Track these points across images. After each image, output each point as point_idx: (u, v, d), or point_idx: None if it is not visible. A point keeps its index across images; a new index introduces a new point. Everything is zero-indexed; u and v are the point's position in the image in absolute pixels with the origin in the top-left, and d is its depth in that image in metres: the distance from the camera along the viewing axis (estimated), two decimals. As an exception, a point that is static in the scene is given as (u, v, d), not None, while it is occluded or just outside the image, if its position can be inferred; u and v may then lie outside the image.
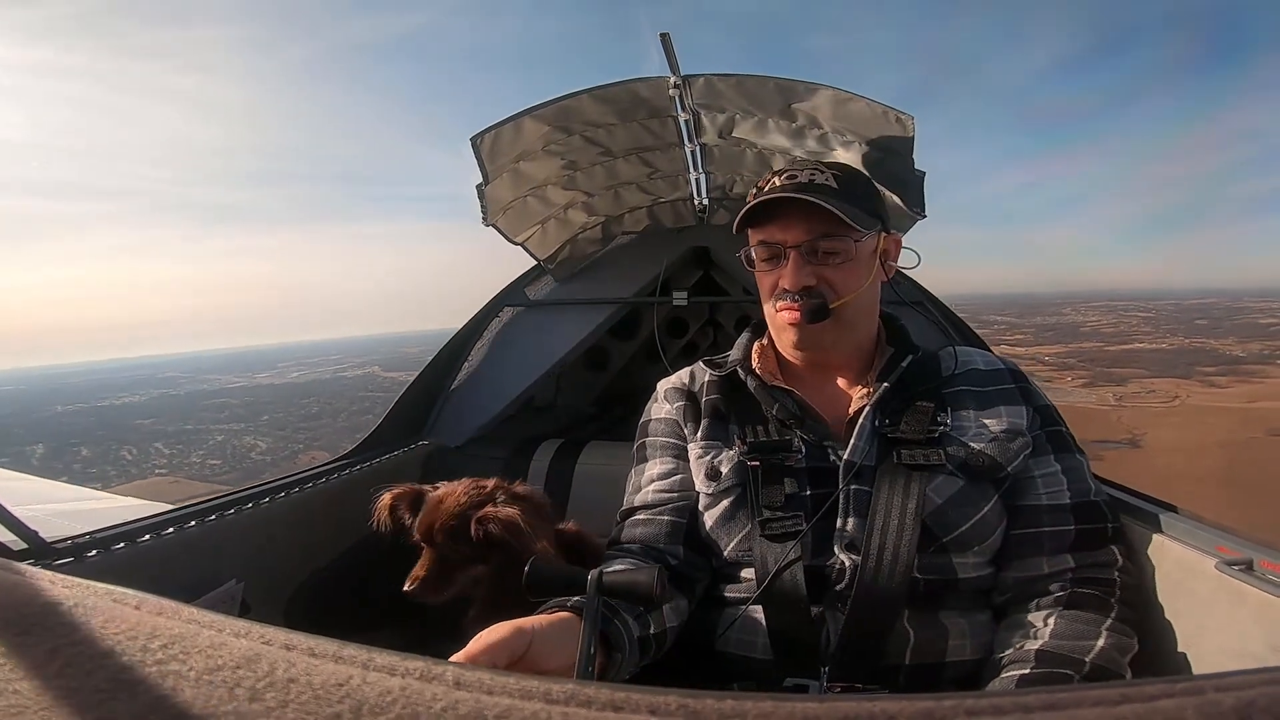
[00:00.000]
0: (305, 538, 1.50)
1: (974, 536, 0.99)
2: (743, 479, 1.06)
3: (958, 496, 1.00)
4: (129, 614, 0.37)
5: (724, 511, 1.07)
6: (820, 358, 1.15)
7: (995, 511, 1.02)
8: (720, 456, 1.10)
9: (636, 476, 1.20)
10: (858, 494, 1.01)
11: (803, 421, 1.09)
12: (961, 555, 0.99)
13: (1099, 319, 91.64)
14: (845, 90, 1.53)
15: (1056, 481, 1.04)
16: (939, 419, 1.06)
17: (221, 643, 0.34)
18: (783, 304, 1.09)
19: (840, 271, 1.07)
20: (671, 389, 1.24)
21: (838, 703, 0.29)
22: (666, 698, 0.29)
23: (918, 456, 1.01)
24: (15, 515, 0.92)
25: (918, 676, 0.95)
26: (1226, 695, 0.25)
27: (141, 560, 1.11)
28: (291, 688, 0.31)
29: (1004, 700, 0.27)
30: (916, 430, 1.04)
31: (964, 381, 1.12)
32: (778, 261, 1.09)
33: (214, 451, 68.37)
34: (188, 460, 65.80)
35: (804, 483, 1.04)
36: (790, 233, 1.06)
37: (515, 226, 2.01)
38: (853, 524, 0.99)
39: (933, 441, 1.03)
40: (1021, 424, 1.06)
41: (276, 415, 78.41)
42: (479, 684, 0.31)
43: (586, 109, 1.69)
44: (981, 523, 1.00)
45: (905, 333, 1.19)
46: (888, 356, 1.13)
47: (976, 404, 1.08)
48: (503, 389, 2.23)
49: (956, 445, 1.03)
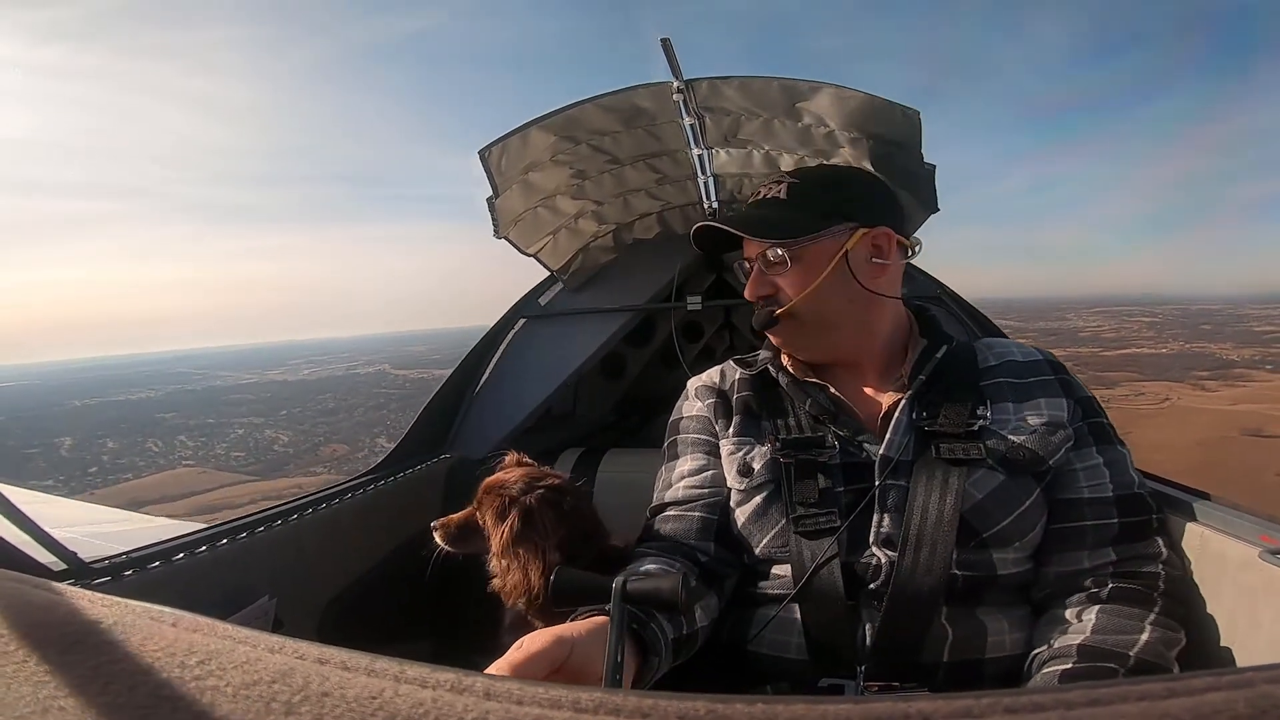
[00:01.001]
0: (335, 552, 1.51)
1: (1015, 532, 0.98)
2: (775, 475, 1.06)
3: (998, 491, 0.98)
4: (166, 631, 0.37)
5: (756, 508, 1.06)
6: (812, 358, 1.16)
7: (1036, 506, 0.99)
8: (753, 453, 1.10)
9: (667, 473, 1.20)
10: (895, 489, 0.99)
11: (836, 417, 1.08)
12: (1002, 551, 0.98)
13: (1100, 324, 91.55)
14: (849, 88, 1.53)
15: (1099, 474, 1.02)
16: (978, 412, 1.04)
17: (256, 658, 0.35)
18: None
19: (786, 277, 1.11)
20: (702, 386, 1.24)
21: (872, 704, 0.29)
22: (695, 703, 0.29)
23: (957, 450, 0.99)
24: (54, 536, 0.94)
25: (957, 674, 0.93)
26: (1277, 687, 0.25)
27: (176, 578, 1.12)
28: (326, 701, 0.31)
29: (1045, 697, 0.26)
30: (955, 423, 1.02)
31: (1002, 373, 1.10)
32: None
33: (237, 444, 69.79)
34: (213, 452, 67.27)
35: (838, 479, 1.03)
36: (750, 246, 1.14)
37: (527, 238, 2.03)
38: (889, 520, 0.98)
39: (972, 435, 1.01)
40: (1063, 416, 1.04)
41: (294, 410, 79.97)
42: (508, 694, 0.31)
43: (592, 117, 1.70)
44: (1022, 518, 0.98)
45: (937, 324, 1.17)
46: (920, 349, 1.12)
47: (1015, 396, 1.07)
48: (522, 400, 2.24)
49: (996, 439, 1.01)
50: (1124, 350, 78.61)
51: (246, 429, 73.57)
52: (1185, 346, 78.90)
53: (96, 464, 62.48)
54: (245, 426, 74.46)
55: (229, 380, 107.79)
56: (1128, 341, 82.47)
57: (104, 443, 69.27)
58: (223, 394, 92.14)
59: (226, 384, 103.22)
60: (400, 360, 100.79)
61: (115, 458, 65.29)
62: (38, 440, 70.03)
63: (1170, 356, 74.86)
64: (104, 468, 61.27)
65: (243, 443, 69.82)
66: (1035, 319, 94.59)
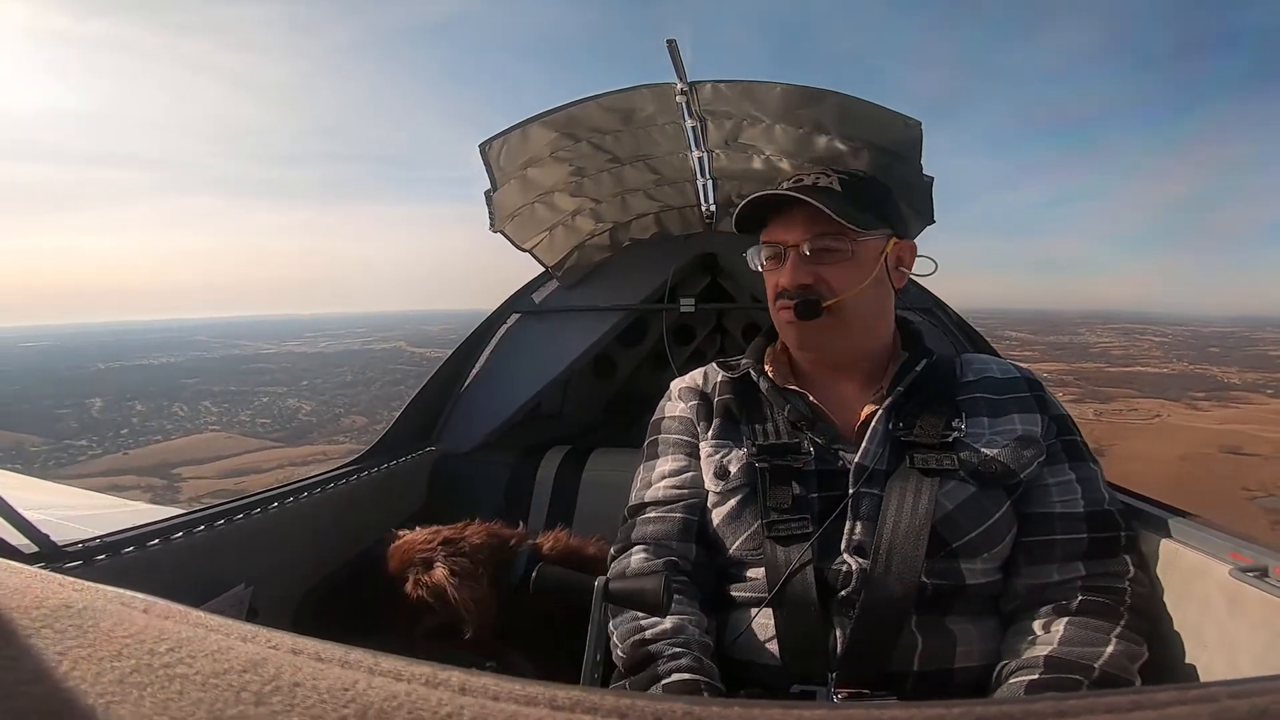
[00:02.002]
0: (314, 543, 1.50)
1: (984, 543, 0.99)
2: (751, 479, 1.07)
3: (969, 502, 0.99)
4: (137, 617, 0.37)
5: (731, 511, 1.07)
6: (826, 358, 1.15)
7: (1006, 519, 1.01)
8: (729, 456, 1.11)
9: (646, 473, 1.20)
10: (868, 498, 1.01)
11: (813, 424, 1.09)
12: (970, 561, 0.99)
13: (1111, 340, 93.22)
14: (852, 96, 1.53)
15: (1070, 490, 1.04)
16: (953, 424, 1.05)
17: (228, 647, 0.34)
18: (781, 303, 1.11)
19: (837, 270, 1.08)
20: (685, 388, 1.25)
21: (846, 710, 0.29)
22: (672, 705, 0.29)
23: (930, 461, 1.01)
24: (27, 518, 0.93)
25: (926, 683, 0.94)
26: (1240, 702, 0.25)
27: (150, 564, 1.11)
28: (297, 692, 0.31)
29: (1014, 708, 0.26)
30: (930, 434, 1.04)
31: (979, 389, 1.12)
32: (780, 261, 1.11)
33: (261, 411, 70.39)
34: (237, 419, 67.78)
35: (812, 485, 1.04)
36: (791, 233, 1.09)
37: (523, 233, 2.02)
38: (861, 528, 0.99)
39: (946, 446, 1.03)
40: (1036, 431, 1.06)
41: (315, 381, 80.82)
42: (484, 690, 0.31)
43: (594, 116, 1.70)
44: (992, 529, 1.00)
45: (920, 338, 1.19)
46: (901, 361, 1.13)
47: (991, 411, 1.08)
48: (511, 395, 2.23)
49: (970, 451, 1.03)
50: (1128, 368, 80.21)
51: (270, 397, 74.18)
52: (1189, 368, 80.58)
53: (127, 425, 62.99)
54: (269, 395, 75.04)
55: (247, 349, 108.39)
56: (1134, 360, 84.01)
57: (132, 405, 69.62)
58: (242, 362, 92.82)
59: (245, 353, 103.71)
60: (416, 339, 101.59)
61: (144, 420, 65.72)
62: (69, 401, 70.20)
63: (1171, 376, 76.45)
64: (134, 430, 61.73)
65: (267, 410, 70.45)
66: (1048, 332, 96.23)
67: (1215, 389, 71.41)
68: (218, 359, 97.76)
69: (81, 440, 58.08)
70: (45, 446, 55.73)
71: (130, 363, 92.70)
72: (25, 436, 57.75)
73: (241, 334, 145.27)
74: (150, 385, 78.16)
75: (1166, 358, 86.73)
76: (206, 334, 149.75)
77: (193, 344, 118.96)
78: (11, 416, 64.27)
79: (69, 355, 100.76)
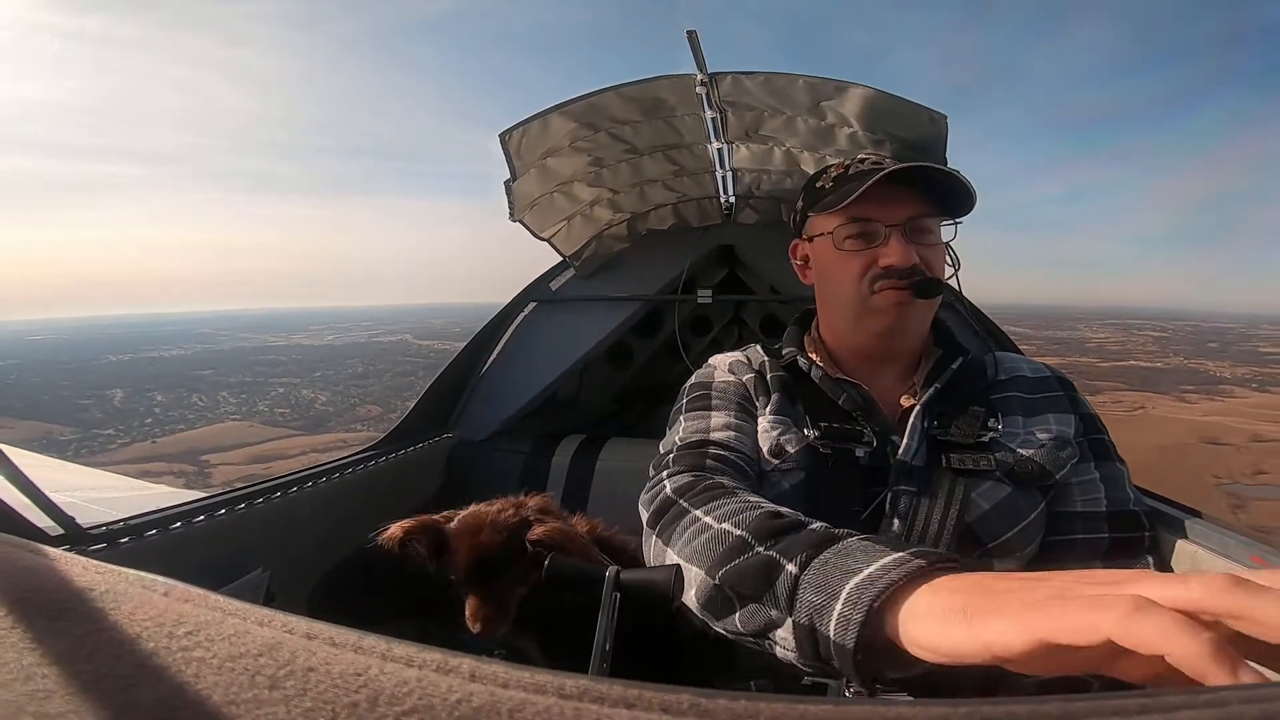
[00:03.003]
0: (330, 528, 1.52)
1: (1018, 544, 0.98)
2: (807, 463, 1.03)
3: (1004, 503, 0.98)
4: (157, 600, 0.38)
5: (781, 491, 1.02)
6: (894, 347, 1.11)
7: (1039, 520, 1.00)
8: (788, 434, 1.05)
9: (698, 421, 1.07)
10: (905, 495, 0.99)
11: (870, 414, 1.06)
12: (1003, 561, 0.98)
13: (1108, 335, 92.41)
14: (876, 89, 1.52)
15: (1094, 489, 1.02)
16: (989, 424, 1.03)
17: (245, 630, 0.35)
18: (885, 284, 1.03)
19: (935, 252, 1.05)
20: (736, 362, 1.19)
21: (851, 706, 0.29)
22: (679, 696, 0.29)
23: (967, 461, 0.99)
24: (53, 501, 0.95)
25: (937, 679, 0.93)
26: (1250, 707, 0.25)
27: (172, 547, 1.13)
28: (311, 676, 0.31)
29: (1020, 709, 0.26)
30: (966, 434, 1.01)
31: (1012, 388, 1.10)
32: (871, 241, 1.05)
33: (279, 401, 72.19)
34: (256, 408, 69.51)
35: (863, 477, 1.01)
36: (892, 210, 1.03)
37: (541, 222, 2.03)
38: (897, 525, 0.98)
39: (982, 447, 1.01)
40: (1069, 432, 1.04)
41: (327, 373, 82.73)
42: (493, 677, 0.31)
43: (613, 106, 1.70)
44: (1026, 530, 0.98)
45: (952, 334, 1.16)
46: (936, 358, 1.11)
47: (1025, 411, 1.06)
48: (527, 384, 2.25)
49: (1005, 451, 1.01)
50: (1122, 362, 79.67)
51: (286, 388, 76.18)
52: (1184, 362, 79.87)
53: (150, 415, 65.17)
54: (285, 385, 77.03)
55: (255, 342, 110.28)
56: (1129, 354, 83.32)
57: (153, 395, 72.02)
58: (252, 354, 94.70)
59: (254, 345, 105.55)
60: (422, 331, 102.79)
61: (166, 409, 67.79)
62: (90, 392, 72.51)
63: (1164, 370, 76.12)
64: (156, 419, 63.87)
65: (284, 400, 72.25)
66: (1045, 327, 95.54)
67: (1206, 383, 71.78)
68: (227, 351, 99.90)
69: (108, 429, 59.96)
70: (74, 435, 57.34)
71: (140, 355, 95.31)
72: (54, 426, 59.67)
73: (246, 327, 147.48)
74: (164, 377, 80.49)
75: (1162, 352, 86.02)
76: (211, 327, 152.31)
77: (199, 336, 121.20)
78: (38, 407, 66.42)
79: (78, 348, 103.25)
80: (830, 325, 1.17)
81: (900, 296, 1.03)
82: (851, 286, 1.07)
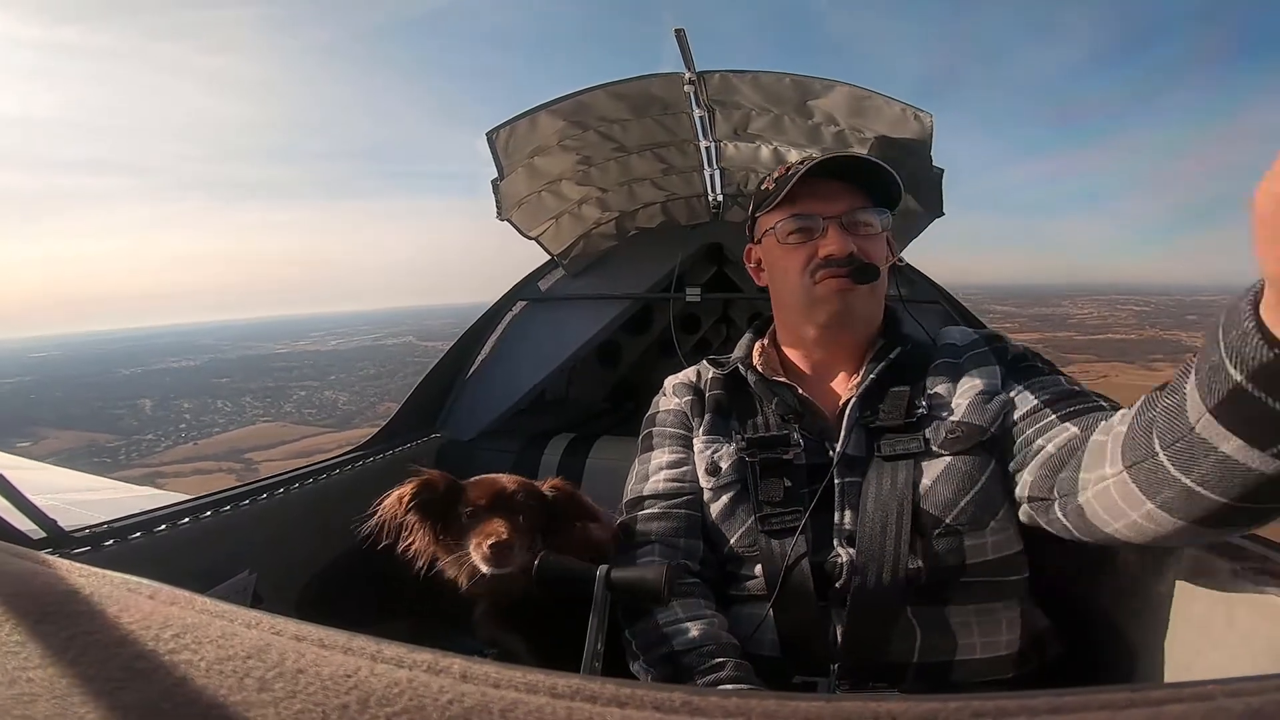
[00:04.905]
0: (318, 530, 1.51)
1: (984, 511, 0.97)
2: (742, 474, 1.07)
3: (948, 473, 0.98)
4: (143, 603, 0.37)
5: (724, 507, 1.07)
6: (843, 337, 1.14)
7: (994, 480, 0.98)
8: (720, 451, 1.10)
9: (642, 465, 1.19)
10: (851, 487, 1.00)
11: (801, 416, 1.09)
12: (976, 536, 0.97)
13: (1090, 311, 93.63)
14: (863, 88, 1.52)
15: (1053, 384, 1.00)
16: (917, 403, 1.05)
17: (233, 633, 0.35)
18: (825, 273, 1.07)
19: (873, 243, 1.09)
20: (679, 384, 1.25)
21: (841, 703, 0.29)
22: (671, 694, 0.29)
23: (897, 445, 1.01)
24: (35, 504, 0.93)
25: (926, 675, 0.94)
26: (1235, 701, 0.25)
27: (157, 550, 1.12)
28: (300, 678, 0.31)
29: (1010, 703, 0.27)
30: (893, 417, 1.03)
31: (941, 356, 1.12)
32: (811, 235, 1.09)
33: (303, 403, 73.73)
34: (283, 410, 71.01)
35: (802, 478, 1.03)
36: (829, 205, 1.08)
37: (529, 221, 2.02)
38: (849, 517, 0.99)
39: (911, 426, 1.02)
40: (996, 382, 1.04)
41: (342, 375, 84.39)
42: (485, 677, 0.31)
43: (601, 104, 1.69)
44: (983, 494, 0.97)
45: (898, 325, 1.19)
46: (878, 348, 1.13)
47: (951, 376, 1.08)
48: (515, 383, 2.24)
49: (935, 423, 1.02)
50: (1098, 335, 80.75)
51: (307, 390, 77.57)
52: (1161, 334, 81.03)
53: (183, 420, 66.62)
54: (305, 389, 78.33)
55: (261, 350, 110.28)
56: (1108, 329, 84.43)
57: (179, 404, 73.15)
58: (261, 362, 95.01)
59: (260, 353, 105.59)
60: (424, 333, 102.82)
61: (196, 415, 69.09)
62: (121, 403, 73.88)
63: (1138, 342, 77.29)
64: (189, 424, 65.13)
65: (308, 401, 73.81)
66: (1031, 305, 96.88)
67: (1176, 352, 72.92)
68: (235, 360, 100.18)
69: (148, 435, 61.39)
70: (120, 441, 58.81)
71: (150, 367, 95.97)
72: (97, 435, 60.91)
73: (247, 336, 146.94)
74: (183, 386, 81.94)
75: (1140, 325, 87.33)
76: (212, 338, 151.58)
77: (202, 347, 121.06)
78: (73, 419, 67.75)
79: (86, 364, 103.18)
80: (783, 322, 1.20)
81: (840, 284, 1.07)
82: (796, 278, 1.11)
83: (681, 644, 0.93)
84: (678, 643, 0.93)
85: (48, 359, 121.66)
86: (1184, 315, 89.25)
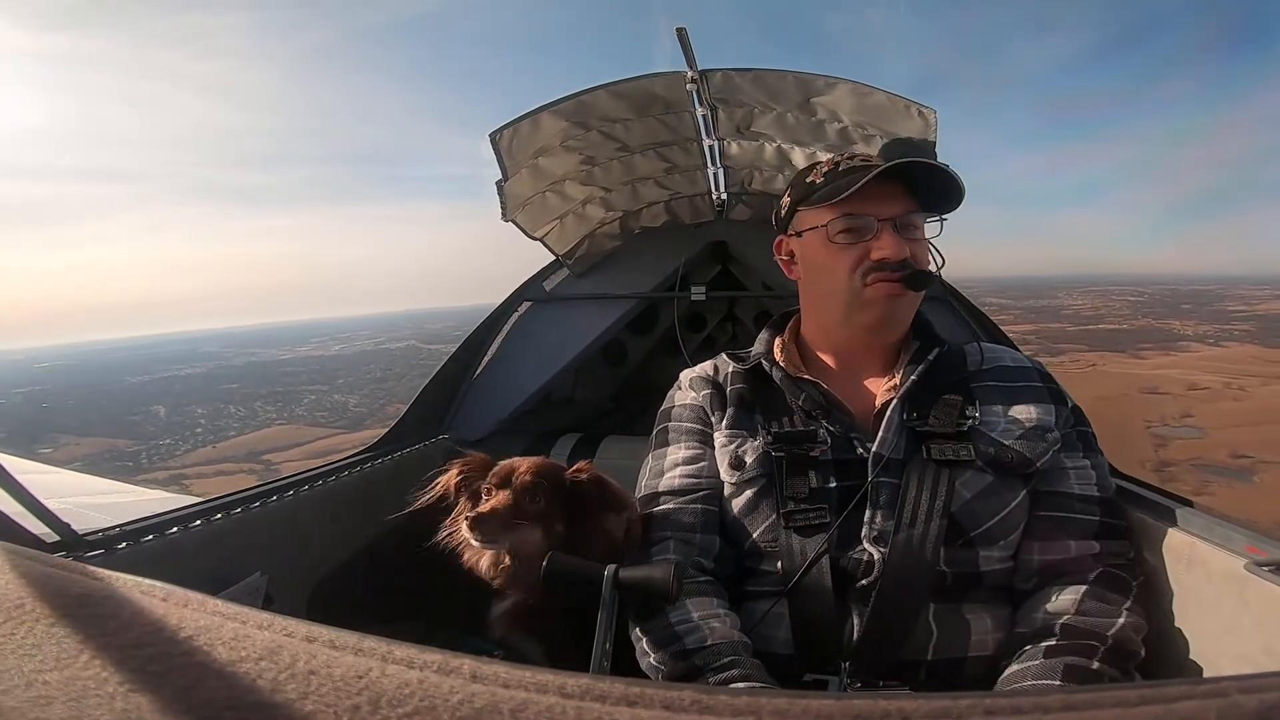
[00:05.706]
0: (329, 531, 1.52)
1: (1000, 532, 0.99)
2: (767, 469, 1.06)
3: (986, 491, 0.99)
4: (156, 606, 0.38)
5: (747, 502, 1.06)
6: (881, 340, 1.14)
7: (1021, 507, 1.01)
8: (745, 446, 1.09)
9: (656, 461, 1.18)
10: (886, 487, 1.00)
11: (828, 413, 1.08)
12: (988, 549, 0.99)
13: (1084, 302, 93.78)
14: (866, 84, 1.52)
15: (1087, 475, 1.05)
16: (968, 412, 1.05)
17: (245, 635, 0.35)
18: (877, 276, 1.05)
19: (921, 246, 1.09)
20: (697, 378, 1.23)
21: (853, 700, 0.29)
22: (681, 693, 0.29)
23: (947, 451, 1.01)
24: (48, 508, 0.94)
25: (938, 672, 0.94)
26: (1249, 698, 0.25)
27: (169, 552, 1.13)
28: (312, 680, 0.31)
29: (1023, 701, 0.26)
30: (945, 424, 1.03)
31: (991, 377, 1.11)
32: (862, 235, 1.07)
33: (315, 406, 74.09)
34: (295, 413, 71.30)
35: (829, 475, 1.03)
36: (884, 206, 1.06)
37: (534, 222, 2.02)
38: (881, 517, 0.98)
39: (962, 436, 1.02)
40: (1051, 421, 1.06)
41: (349, 379, 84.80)
42: (495, 677, 0.31)
43: (604, 104, 1.69)
44: (1008, 518, 1.00)
45: (930, 326, 1.18)
46: (914, 349, 1.12)
47: (1004, 400, 1.08)
48: (522, 383, 2.24)
49: (986, 440, 1.02)
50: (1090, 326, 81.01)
51: (318, 394, 77.96)
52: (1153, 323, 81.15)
53: (199, 425, 67.27)
54: (315, 392, 78.66)
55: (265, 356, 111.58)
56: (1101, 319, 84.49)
57: (192, 409, 73.56)
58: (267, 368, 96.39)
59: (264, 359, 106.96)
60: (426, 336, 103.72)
61: (212, 419, 69.69)
62: (137, 409, 74.66)
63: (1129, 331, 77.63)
64: (205, 429, 65.90)
65: (319, 404, 74.28)
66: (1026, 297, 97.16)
67: (1165, 340, 73.16)
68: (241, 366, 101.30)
69: (165, 440, 62.02)
70: (139, 446, 59.64)
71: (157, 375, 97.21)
72: (116, 440, 61.54)
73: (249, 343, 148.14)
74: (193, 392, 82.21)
75: (1134, 314, 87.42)
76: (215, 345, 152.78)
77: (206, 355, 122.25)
78: (91, 425, 68.35)
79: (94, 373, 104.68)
80: (818, 320, 1.19)
81: (893, 289, 1.06)
82: (844, 279, 1.08)
83: (693, 643, 0.93)
84: (689, 641, 0.94)
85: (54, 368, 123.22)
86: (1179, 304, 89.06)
